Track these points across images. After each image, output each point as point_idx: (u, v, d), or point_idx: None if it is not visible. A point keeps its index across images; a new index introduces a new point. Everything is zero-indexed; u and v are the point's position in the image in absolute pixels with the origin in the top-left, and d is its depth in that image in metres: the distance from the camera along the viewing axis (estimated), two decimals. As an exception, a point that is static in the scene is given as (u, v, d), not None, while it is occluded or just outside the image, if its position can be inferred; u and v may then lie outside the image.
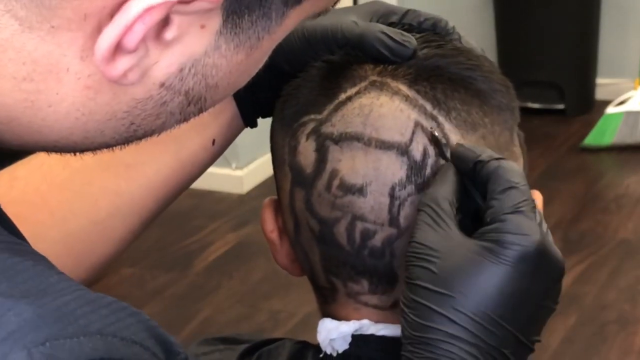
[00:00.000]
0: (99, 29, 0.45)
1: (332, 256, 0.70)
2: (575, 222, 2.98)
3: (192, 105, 0.51)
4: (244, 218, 3.05)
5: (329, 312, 0.73)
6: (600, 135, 3.53)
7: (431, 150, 0.66)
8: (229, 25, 0.47)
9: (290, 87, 0.72)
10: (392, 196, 0.67)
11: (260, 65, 0.52)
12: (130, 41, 0.45)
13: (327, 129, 0.68)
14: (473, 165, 0.64)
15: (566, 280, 2.89)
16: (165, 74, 0.48)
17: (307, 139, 0.69)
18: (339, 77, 0.69)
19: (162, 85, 0.48)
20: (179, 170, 0.76)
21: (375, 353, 0.70)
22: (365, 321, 0.70)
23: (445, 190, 0.63)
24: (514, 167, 0.63)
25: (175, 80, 0.48)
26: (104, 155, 0.74)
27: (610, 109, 3.55)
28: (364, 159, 0.66)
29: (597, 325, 2.42)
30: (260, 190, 3.18)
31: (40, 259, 0.42)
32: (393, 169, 0.66)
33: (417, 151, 0.66)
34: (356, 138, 0.67)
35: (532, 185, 0.64)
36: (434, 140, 0.66)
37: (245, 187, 3.27)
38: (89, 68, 0.46)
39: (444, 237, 0.61)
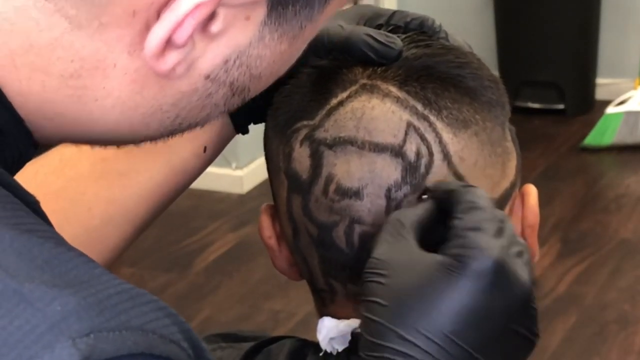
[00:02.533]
0: (146, 25, 0.45)
1: (331, 260, 0.70)
2: (575, 222, 2.98)
3: (236, 96, 0.51)
4: (244, 218, 3.05)
5: (327, 314, 0.73)
6: (600, 135, 3.53)
7: (424, 150, 0.67)
8: (274, 16, 0.48)
9: (281, 94, 0.71)
10: (388, 198, 0.67)
11: (300, 53, 0.53)
12: (180, 36, 0.45)
13: (320, 134, 0.68)
14: (447, 196, 0.63)
15: (566, 280, 2.89)
16: (211, 66, 0.48)
17: (301, 145, 0.69)
18: (329, 82, 0.69)
19: (207, 77, 0.48)
20: (172, 177, 0.76)
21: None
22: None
23: (412, 212, 0.63)
24: (481, 192, 0.62)
25: (221, 72, 0.49)
26: (98, 164, 0.75)
27: (610, 109, 3.55)
28: (358, 162, 0.67)
29: (597, 325, 2.42)
30: (260, 190, 3.18)
31: (81, 252, 0.42)
32: (388, 170, 0.66)
33: (410, 152, 0.66)
34: (350, 142, 0.67)
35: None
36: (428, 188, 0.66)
37: (245, 187, 3.27)
38: (136, 63, 0.47)
39: (401, 253, 0.61)
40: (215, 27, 0.46)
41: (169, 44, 0.45)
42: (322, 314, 0.73)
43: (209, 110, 0.51)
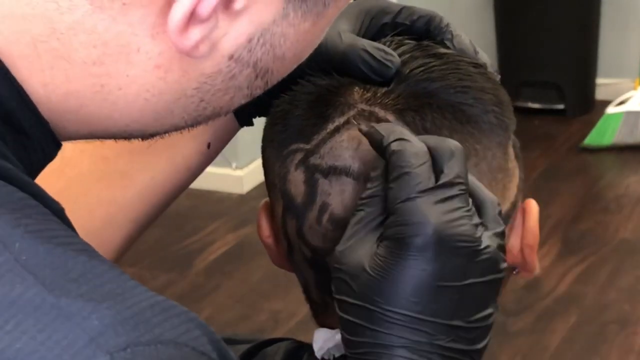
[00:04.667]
0: (168, 3, 0.44)
1: (324, 279, 0.70)
2: (575, 222, 2.97)
3: (260, 79, 0.50)
4: (244, 218, 3.04)
5: (322, 321, 0.73)
6: (601, 135, 3.53)
7: None
8: None
9: (278, 108, 0.70)
10: None
11: (323, 35, 0.52)
12: (204, 9, 0.44)
13: (315, 160, 0.67)
14: (382, 153, 0.60)
15: (566, 280, 2.90)
16: (234, 45, 0.47)
17: (296, 169, 0.68)
18: (326, 104, 0.67)
19: (230, 57, 0.48)
20: (174, 175, 0.75)
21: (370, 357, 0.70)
22: None
23: (379, 188, 0.60)
24: (412, 148, 0.58)
25: (244, 52, 0.48)
26: (99, 164, 0.74)
27: (611, 109, 3.55)
28: (353, 193, 0.65)
29: (597, 325, 2.42)
30: (260, 190, 3.18)
31: (112, 264, 0.42)
32: None
33: None
34: (345, 172, 0.65)
35: (532, 186, 0.64)
36: (364, 134, 0.63)
37: (245, 187, 3.27)
38: (159, 46, 0.46)
39: (360, 244, 0.59)
40: (238, 3, 0.45)
41: (192, 17, 0.44)
42: (317, 321, 0.73)
43: (232, 93, 0.50)
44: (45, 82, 0.46)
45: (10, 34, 0.44)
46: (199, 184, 0.85)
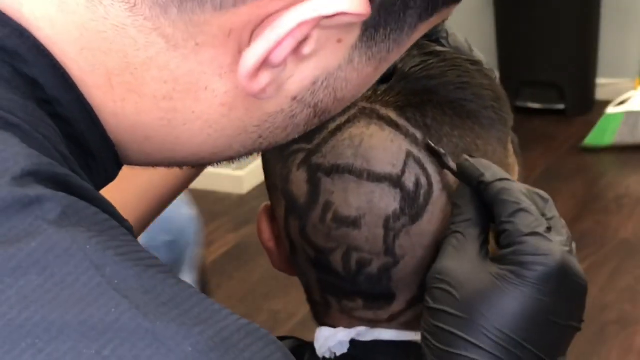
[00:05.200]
0: (239, 45, 0.45)
1: (328, 280, 0.70)
2: (575, 222, 2.97)
3: (317, 118, 0.51)
4: (244, 218, 3.05)
5: (322, 322, 0.73)
6: (601, 135, 3.53)
7: (424, 180, 0.66)
8: (365, 39, 0.47)
9: None
10: (386, 228, 0.66)
11: (380, 76, 0.52)
12: (278, 56, 0.45)
13: (317, 159, 0.67)
14: (477, 184, 0.63)
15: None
16: (299, 87, 0.48)
17: (298, 169, 0.68)
18: None
19: (294, 98, 0.48)
20: (171, 177, 0.75)
21: (373, 355, 0.70)
22: (362, 328, 0.70)
23: (473, 214, 0.63)
24: (518, 188, 0.63)
25: (307, 94, 0.48)
26: None
27: (611, 109, 3.55)
28: (356, 191, 0.66)
29: (597, 326, 2.42)
30: (260, 190, 3.18)
31: (192, 286, 0.42)
32: (386, 201, 0.66)
33: (409, 182, 0.66)
34: (348, 170, 0.66)
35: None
36: (429, 150, 0.65)
37: (245, 187, 3.27)
38: (226, 85, 0.46)
39: (466, 262, 0.61)
40: (307, 48, 0.45)
41: (264, 63, 0.45)
42: (318, 321, 0.74)
43: (290, 130, 0.51)
44: (115, 112, 0.47)
45: (87, 65, 0.45)
46: (199, 184, 0.85)
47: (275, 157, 0.70)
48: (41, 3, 0.44)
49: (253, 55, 0.44)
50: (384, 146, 0.66)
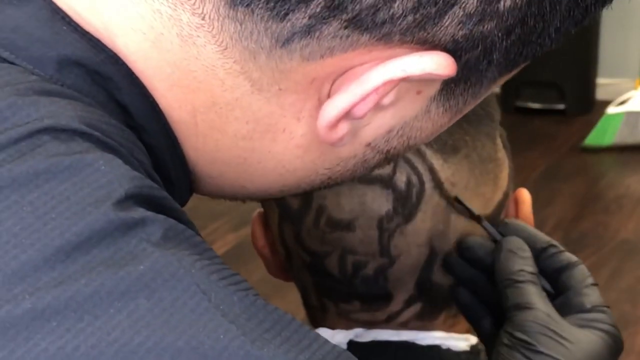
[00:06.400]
0: (319, 92, 0.46)
1: (324, 283, 0.70)
2: (575, 223, 2.97)
3: (386, 162, 0.52)
4: (244, 218, 3.04)
5: (320, 325, 0.73)
6: (601, 135, 3.52)
7: (415, 179, 0.66)
8: (444, 92, 0.48)
9: None
10: (380, 229, 0.66)
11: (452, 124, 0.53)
12: (361, 110, 0.45)
13: None
14: (544, 248, 0.67)
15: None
16: (374, 134, 0.48)
17: None
18: None
19: (368, 144, 0.49)
20: None
21: (371, 356, 0.70)
22: (359, 329, 0.70)
23: (535, 269, 0.66)
24: (582, 266, 0.67)
25: (381, 141, 0.49)
26: None
27: (611, 109, 3.55)
28: (348, 194, 0.66)
29: (597, 326, 2.42)
30: (260, 190, 3.18)
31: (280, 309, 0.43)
32: (379, 202, 0.66)
33: (401, 182, 0.66)
34: None
35: (532, 186, 0.64)
36: (461, 206, 0.67)
37: (245, 187, 3.27)
38: (303, 128, 0.47)
39: (561, 319, 0.64)
40: (387, 99, 0.46)
41: (345, 115, 0.45)
42: (313, 325, 0.73)
43: (359, 172, 0.52)
44: (196, 147, 0.48)
45: (174, 101, 0.46)
46: (198, 184, 0.85)
47: None
48: (136, 38, 0.45)
49: (335, 107, 0.45)
50: None
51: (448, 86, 0.47)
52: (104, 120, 0.43)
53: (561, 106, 3.92)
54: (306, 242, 0.68)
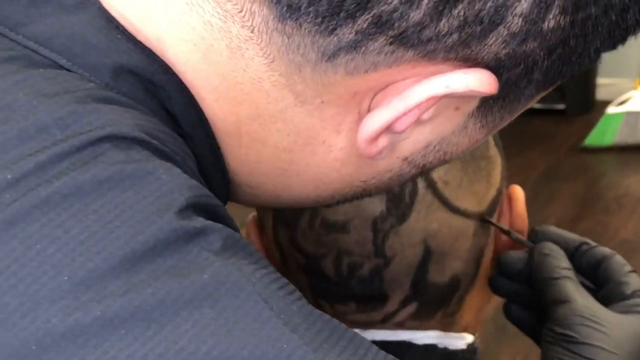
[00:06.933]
0: (360, 106, 0.46)
1: (320, 285, 0.69)
2: (575, 222, 2.97)
3: (420, 175, 0.53)
4: (244, 219, 3.04)
5: None
6: (601, 135, 3.53)
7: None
8: (482, 109, 0.48)
9: None
10: (375, 229, 0.66)
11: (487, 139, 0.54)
12: (402, 125, 0.45)
13: None
14: (577, 247, 0.70)
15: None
16: (412, 149, 0.49)
17: None
18: None
19: (405, 159, 0.49)
20: None
21: None
22: (355, 331, 0.70)
23: (569, 265, 0.68)
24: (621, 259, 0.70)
25: (418, 156, 0.49)
26: None
27: (611, 109, 3.55)
28: None
29: (597, 326, 2.42)
30: (260, 190, 3.18)
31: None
32: (373, 203, 0.66)
33: None
34: None
35: (532, 186, 0.64)
36: (489, 223, 0.69)
37: (245, 187, 3.27)
38: (342, 142, 0.47)
39: (601, 309, 0.65)
40: (427, 115, 0.46)
41: (386, 129, 0.46)
42: None
43: (393, 185, 0.52)
44: (238, 158, 0.48)
45: (220, 112, 0.46)
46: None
47: None
48: (186, 49, 0.45)
49: (377, 121, 0.45)
50: None
51: (486, 103, 0.48)
52: (159, 128, 0.43)
53: (561, 106, 3.92)
54: (301, 244, 0.68)
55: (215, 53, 0.45)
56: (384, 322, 0.70)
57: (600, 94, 3.97)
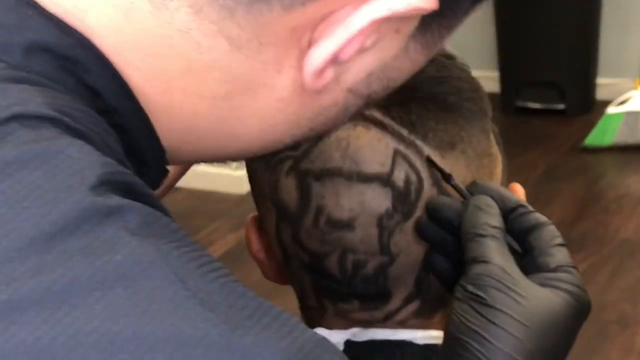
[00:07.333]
0: (300, 41, 0.45)
1: (324, 283, 0.69)
2: (576, 222, 2.97)
3: (365, 106, 0.51)
4: (244, 218, 3.03)
5: (317, 326, 0.73)
6: (601, 135, 3.53)
7: (413, 177, 0.66)
8: (421, 28, 0.47)
9: None
10: (380, 227, 0.66)
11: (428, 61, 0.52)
12: (347, 53, 0.45)
13: (306, 165, 0.67)
14: (513, 208, 0.64)
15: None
16: (355, 79, 0.48)
17: (287, 176, 0.68)
18: None
19: (349, 90, 0.48)
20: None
21: (368, 355, 0.70)
22: (356, 329, 0.70)
23: (501, 224, 0.63)
24: (551, 225, 0.65)
25: (362, 86, 0.49)
26: None
27: (611, 109, 3.55)
28: (347, 193, 0.66)
29: (598, 326, 2.42)
30: (260, 190, 3.17)
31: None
32: (378, 200, 0.66)
33: (399, 179, 0.66)
34: (337, 173, 0.66)
35: (533, 186, 0.64)
36: (435, 168, 0.66)
37: (245, 187, 3.26)
38: (284, 80, 0.46)
39: (520, 275, 0.60)
40: (369, 40, 0.45)
41: (331, 60, 0.45)
42: (310, 326, 0.74)
43: (340, 120, 0.51)
44: (172, 116, 0.47)
45: (149, 72, 0.45)
46: (199, 184, 0.85)
47: (262, 166, 0.70)
48: (106, 11, 0.44)
49: (322, 53, 0.45)
50: (371, 146, 0.66)
51: (425, 22, 0.47)
52: (73, 106, 0.42)
53: (561, 106, 3.92)
54: (305, 242, 0.68)
55: (137, 10, 0.44)
56: (386, 320, 0.70)
57: (600, 94, 3.97)
